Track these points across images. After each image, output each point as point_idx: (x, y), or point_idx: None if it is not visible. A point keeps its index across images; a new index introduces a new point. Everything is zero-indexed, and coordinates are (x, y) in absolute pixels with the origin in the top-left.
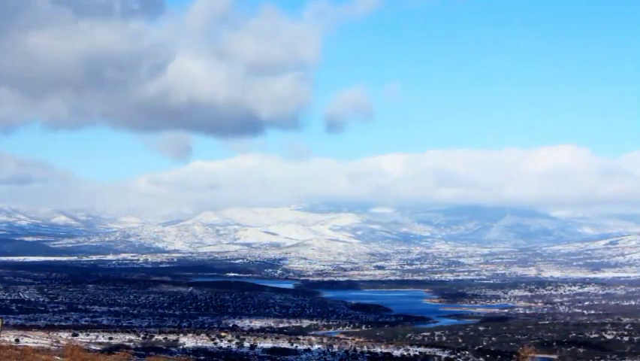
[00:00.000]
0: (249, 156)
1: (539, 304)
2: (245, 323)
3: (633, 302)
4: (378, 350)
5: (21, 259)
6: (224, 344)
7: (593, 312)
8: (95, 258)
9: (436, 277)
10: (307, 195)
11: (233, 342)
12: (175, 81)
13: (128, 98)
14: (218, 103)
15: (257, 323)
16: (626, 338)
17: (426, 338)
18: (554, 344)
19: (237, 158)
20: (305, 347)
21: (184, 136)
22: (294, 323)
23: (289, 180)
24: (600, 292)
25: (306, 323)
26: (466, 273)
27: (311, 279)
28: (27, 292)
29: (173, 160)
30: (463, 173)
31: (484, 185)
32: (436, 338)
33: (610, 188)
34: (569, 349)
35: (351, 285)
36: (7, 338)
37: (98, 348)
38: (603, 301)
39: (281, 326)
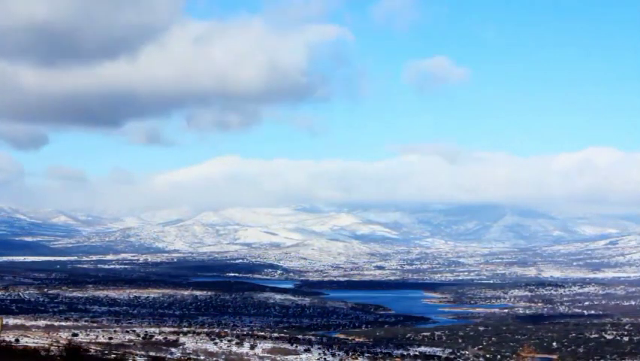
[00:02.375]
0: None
1: (539, 304)
2: (245, 323)
3: (633, 302)
4: (378, 350)
5: (21, 259)
6: (224, 344)
7: (593, 312)
8: (95, 258)
9: (436, 277)
10: (307, 196)
11: (233, 342)
12: None
13: None
14: None
15: (257, 323)
16: (626, 338)
17: (426, 338)
18: (554, 344)
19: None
20: (305, 347)
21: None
22: (294, 323)
23: (289, 179)
24: (600, 292)
25: (306, 322)
26: (466, 273)
27: (311, 279)
28: (27, 292)
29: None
30: (464, 173)
31: (484, 185)
32: (436, 338)
33: (610, 187)
34: (569, 349)
35: (351, 285)
36: (7, 338)
37: (98, 348)
38: (603, 301)
39: (281, 325)
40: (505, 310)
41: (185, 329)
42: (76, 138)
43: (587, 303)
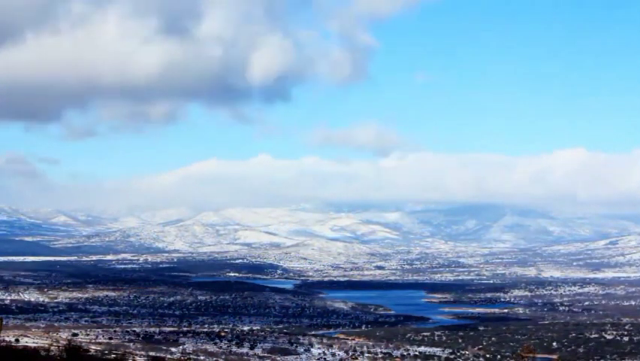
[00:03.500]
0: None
1: (539, 304)
2: (245, 323)
3: (633, 302)
4: (378, 350)
5: (21, 259)
6: (224, 344)
7: (593, 312)
8: (95, 258)
9: (436, 277)
10: (307, 196)
11: (233, 342)
12: None
13: None
14: None
15: (257, 323)
16: (626, 338)
17: (426, 338)
18: (554, 344)
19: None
20: (305, 347)
21: None
22: (294, 323)
23: (290, 180)
24: (600, 292)
25: (306, 322)
26: (466, 273)
27: (311, 279)
28: (27, 292)
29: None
30: (463, 174)
31: (484, 185)
32: (436, 338)
33: (610, 187)
34: (569, 349)
35: (351, 285)
36: (7, 338)
37: (98, 348)
38: (603, 301)
39: (281, 325)
40: (505, 310)
41: (185, 329)
42: None
43: (587, 303)
